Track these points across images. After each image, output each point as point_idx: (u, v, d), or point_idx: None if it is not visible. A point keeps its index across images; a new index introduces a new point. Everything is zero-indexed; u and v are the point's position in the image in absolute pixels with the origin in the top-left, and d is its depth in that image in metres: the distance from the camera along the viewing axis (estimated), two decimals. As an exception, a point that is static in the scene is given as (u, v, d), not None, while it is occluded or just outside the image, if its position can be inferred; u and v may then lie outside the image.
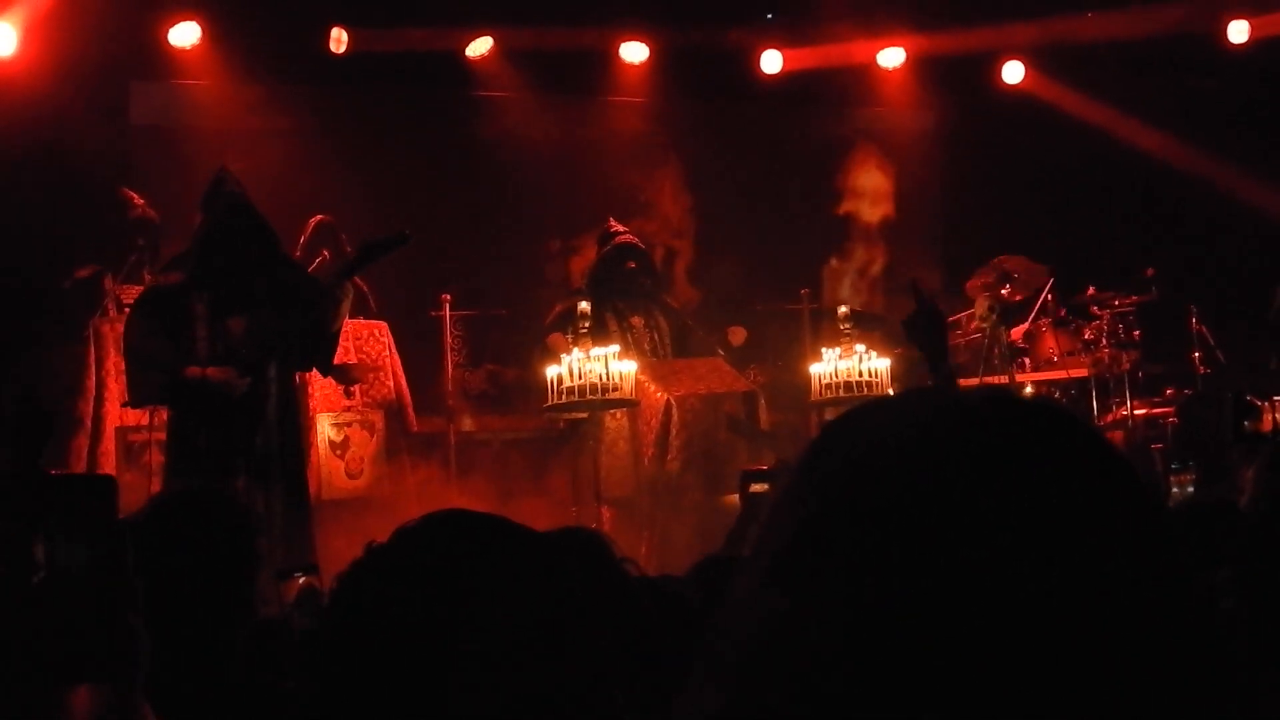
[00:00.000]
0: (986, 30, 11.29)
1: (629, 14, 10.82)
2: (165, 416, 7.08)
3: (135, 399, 7.15)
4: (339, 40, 10.17)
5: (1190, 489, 7.58)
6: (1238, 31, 11.40)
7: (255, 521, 3.03)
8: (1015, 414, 0.98)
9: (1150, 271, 9.73)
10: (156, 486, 7.00)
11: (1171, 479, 8.11)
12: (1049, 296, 9.79)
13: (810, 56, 11.37)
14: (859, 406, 1.04)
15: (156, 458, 7.43)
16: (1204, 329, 9.70)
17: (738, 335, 9.10)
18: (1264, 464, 3.72)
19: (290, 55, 10.14)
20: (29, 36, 9.26)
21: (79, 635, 1.71)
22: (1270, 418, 7.32)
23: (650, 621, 1.63)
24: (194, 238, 6.99)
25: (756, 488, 5.30)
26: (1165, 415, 9.36)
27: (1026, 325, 9.84)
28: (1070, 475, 0.94)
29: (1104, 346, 9.52)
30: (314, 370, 7.66)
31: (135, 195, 9.22)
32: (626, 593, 1.52)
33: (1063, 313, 9.76)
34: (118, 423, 8.35)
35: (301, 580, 3.66)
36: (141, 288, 8.30)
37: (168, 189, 9.09)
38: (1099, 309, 9.68)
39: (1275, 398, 7.46)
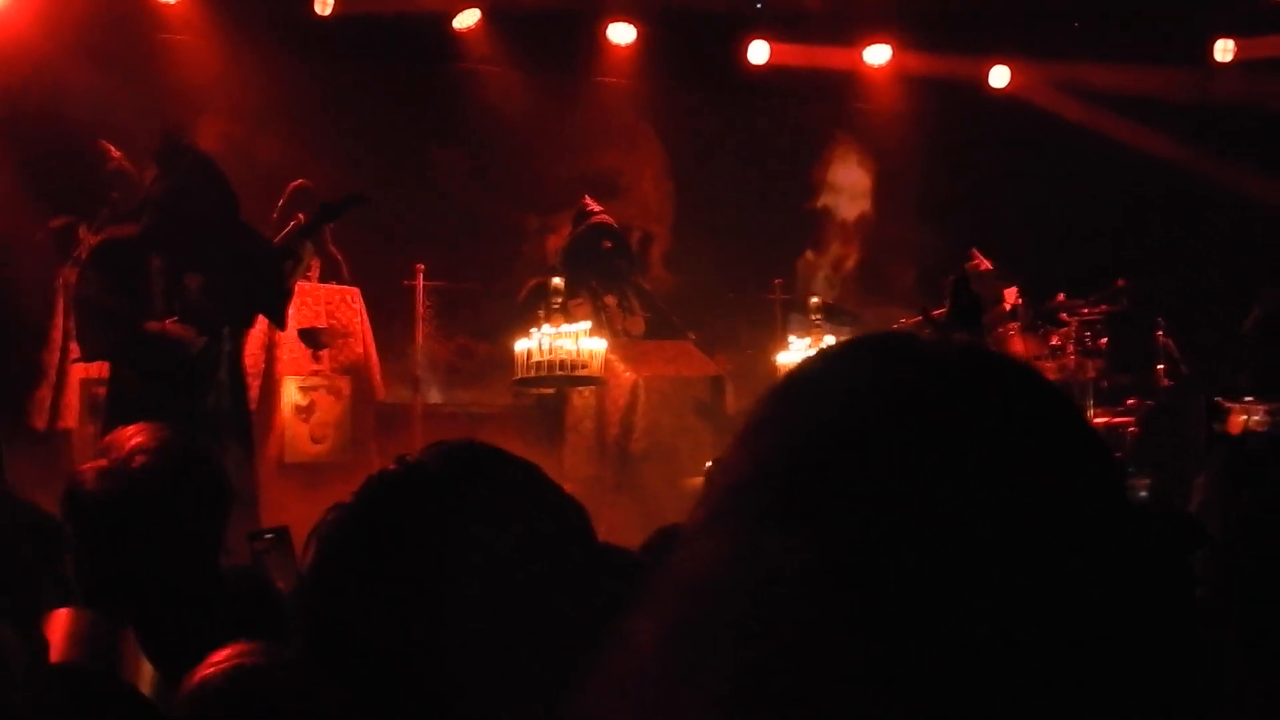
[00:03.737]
0: (974, 34, 11.34)
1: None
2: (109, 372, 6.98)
3: (88, 353, 7.03)
4: (324, 2, 10.14)
5: (1143, 494, 7.65)
6: (1223, 51, 11.51)
7: (226, 477, 3.05)
8: (984, 368, 0.99)
9: (1121, 282, 9.78)
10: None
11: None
12: (1019, 300, 9.83)
13: (797, 50, 11.39)
14: (829, 350, 1.04)
15: (104, 418, 7.38)
16: (1170, 342, 9.76)
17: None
18: (1215, 470, 3.76)
19: (276, 17, 10.11)
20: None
21: None
22: (1239, 420, 7.40)
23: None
24: (149, 192, 6.93)
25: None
26: (1126, 425, 9.41)
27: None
28: (1037, 434, 0.95)
29: (1070, 353, 9.56)
30: (288, 325, 7.64)
31: (113, 147, 9.17)
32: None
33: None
34: (83, 374, 8.29)
35: (268, 537, 3.65)
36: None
37: (147, 143, 9.04)
38: (1068, 316, 9.72)
39: (1246, 399, 7.55)
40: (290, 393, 8.55)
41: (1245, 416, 7.58)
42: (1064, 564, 0.91)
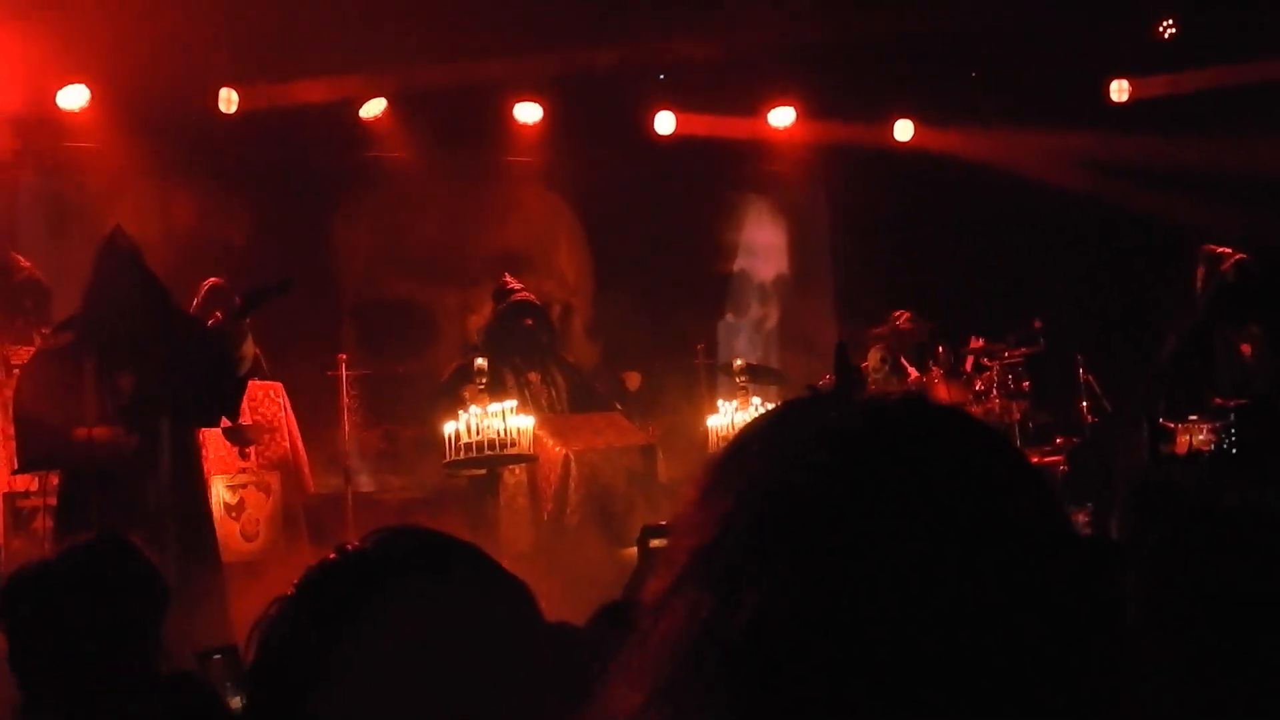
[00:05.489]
0: (875, 90, 11.51)
1: (523, 74, 10.88)
2: (55, 481, 6.95)
3: (24, 464, 7.03)
4: (228, 101, 10.14)
5: (1083, 525, 7.71)
6: (1118, 91, 11.78)
7: (159, 573, 3.01)
8: (930, 418, 1.04)
9: (1038, 323, 9.92)
10: (46, 552, 6.85)
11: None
12: (940, 348, 9.94)
13: (702, 117, 11.51)
14: (777, 410, 1.10)
15: (46, 523, 7.29)
16: (1090, 378, 9.90)
17: (633, 380, 9.14)
18: (1127, 507, 3.82)
19: (181, 116, 10.08)
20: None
21: None
22: (1185, 440, 7.49)
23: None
24: (83, 296, 6.92)
25: (656, 543, 5.29)
26: (1056, 463, 9.52)
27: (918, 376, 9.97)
28: (981, 477, 1.01)
29: (994, 397, 9.68)
30: (220, 424, 7.59)
31: (21, 258, 9.09)
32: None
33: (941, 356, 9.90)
34: (6, 488, 8.16)
35: (216, 658, 3.60)
36: (30, 349, 8.18)
37: (58, 252, 8.98)
38: (989, 360, 9.85)
39: (1191, 417, 7.64)
40: (219, 492, 8.45)
41: (1189, 436, 7.67)
42: (1020, 593, 0.97)
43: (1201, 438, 7.73)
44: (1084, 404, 9.84)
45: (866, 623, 0.94)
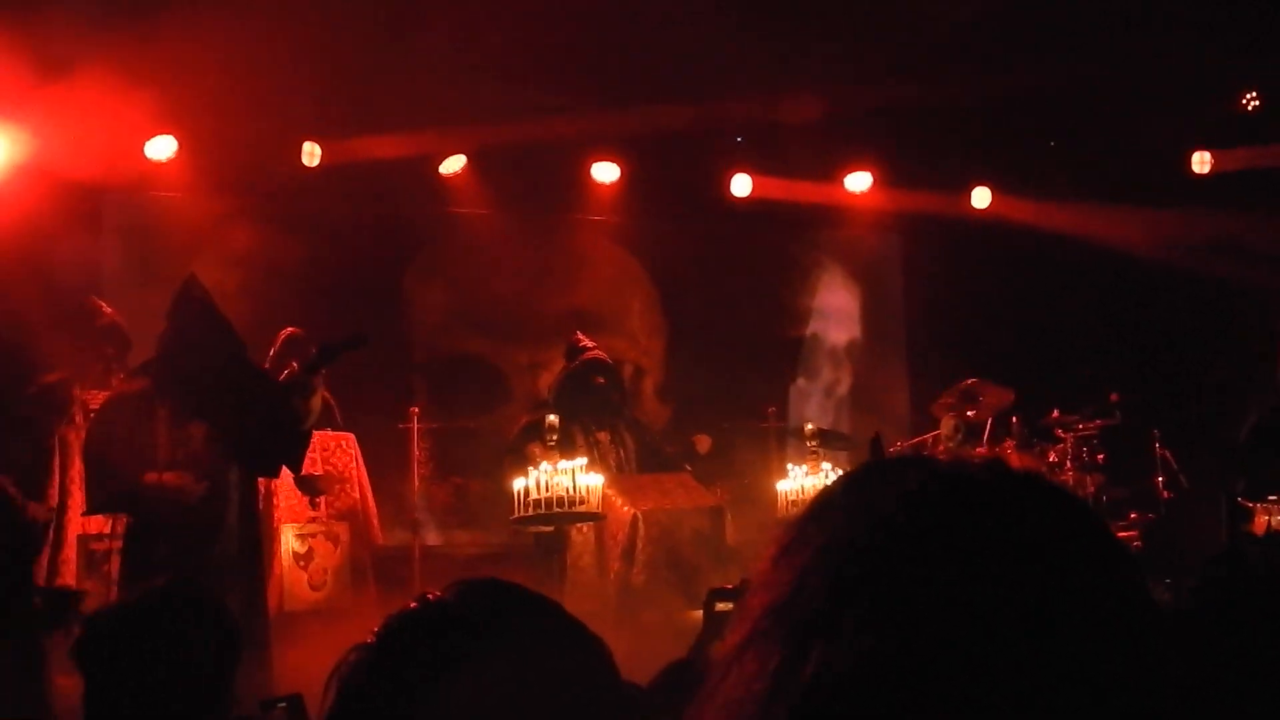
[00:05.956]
0: (953, 157, 11.50)
1: (600, 134, 10.97)
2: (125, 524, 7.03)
3: (93, 505, 7.12)
4: (311, 154, 10.30)
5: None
6: (1200, 163, 11.68)
7: (234, 620, 3.04)
8: (1011, 484, 1.04)
9: (1114, 396, 9.81)
10: (116, 595, 6.92)
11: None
12: (1014, 419, 9.85)
13: (779, 181, 11.54)
14: (858, 471, 1.11)
15: (118, 566, 7.36)
16: (1167, 453, 9.77)
17: (703, 443, 9.13)
18: (1196, 582, 3.75)
19: (264, 168, 10.25)
20: (7, 145, 9.36)
21: None
22: (1264, 520, 7.37)
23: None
24: (158, 344, 7.01)
25: (722, 606, 5.26)
26: (1129, 539, 9.38)
27: (991, 447, 9.88)
28: (1060, 545, 1.01)
29: (1068, 470, 9.56)
30: (284, 473, 7.65)
31: (104, 304, 9.23)
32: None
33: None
34: (80, 530, 8.26)
35: (281, 706, 3.63)
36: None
37: (139, 299, 9.11)
38: (1063, 432, 9.74)
39: (1271, 497, 7.51)
40: (289, 540, 8.52)
41: (1269, 517, 7.56)
42: (1093, 666, 0.97)
43: (1281, 519, 7.61)
44: (1160, 480, 9.71)
45: (927, 681, 0.94)
